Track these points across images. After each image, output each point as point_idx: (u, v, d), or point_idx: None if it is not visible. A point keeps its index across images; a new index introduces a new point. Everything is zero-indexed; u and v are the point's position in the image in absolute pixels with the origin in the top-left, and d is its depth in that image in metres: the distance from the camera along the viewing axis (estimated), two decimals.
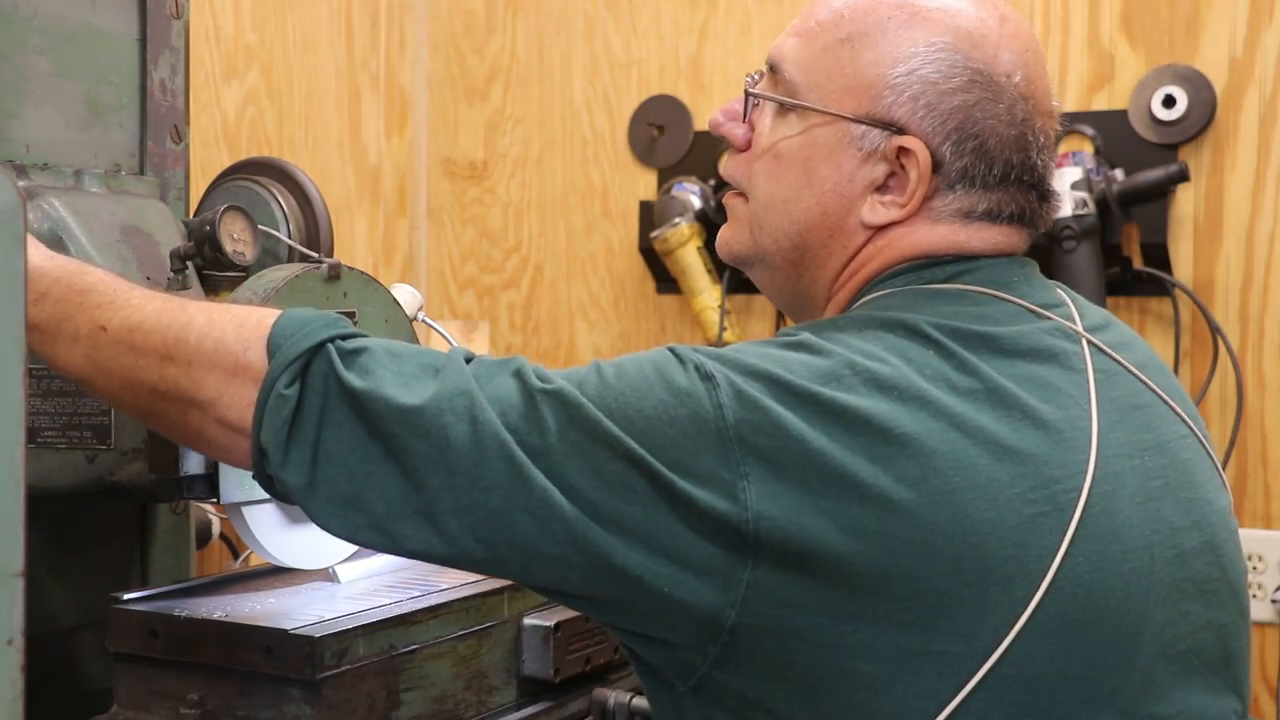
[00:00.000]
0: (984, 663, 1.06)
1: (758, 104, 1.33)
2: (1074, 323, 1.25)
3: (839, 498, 1.06)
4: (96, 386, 1.23)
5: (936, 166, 1.24)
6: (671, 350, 1.15)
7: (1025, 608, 1.07)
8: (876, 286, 1.28)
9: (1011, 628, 1.06)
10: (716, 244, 1.41)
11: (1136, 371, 1.25)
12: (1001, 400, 1.13)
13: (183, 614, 1.28)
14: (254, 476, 1.16)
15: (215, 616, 1.27)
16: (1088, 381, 1.19)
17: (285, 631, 1.22)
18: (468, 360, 1.15)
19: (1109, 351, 1.24)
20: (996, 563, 1.07)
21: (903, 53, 1.25)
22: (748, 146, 1.34)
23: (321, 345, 1.14)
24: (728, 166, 1.37)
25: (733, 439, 1.08)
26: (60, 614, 1.51)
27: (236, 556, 2.09)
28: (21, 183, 1.43)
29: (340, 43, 2.88)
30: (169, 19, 1.63)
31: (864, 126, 1.25)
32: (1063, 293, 1.31)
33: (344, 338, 1.15)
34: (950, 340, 1.16)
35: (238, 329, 1.18)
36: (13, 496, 0.91)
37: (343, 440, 1.11)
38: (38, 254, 1.24)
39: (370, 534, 1.12)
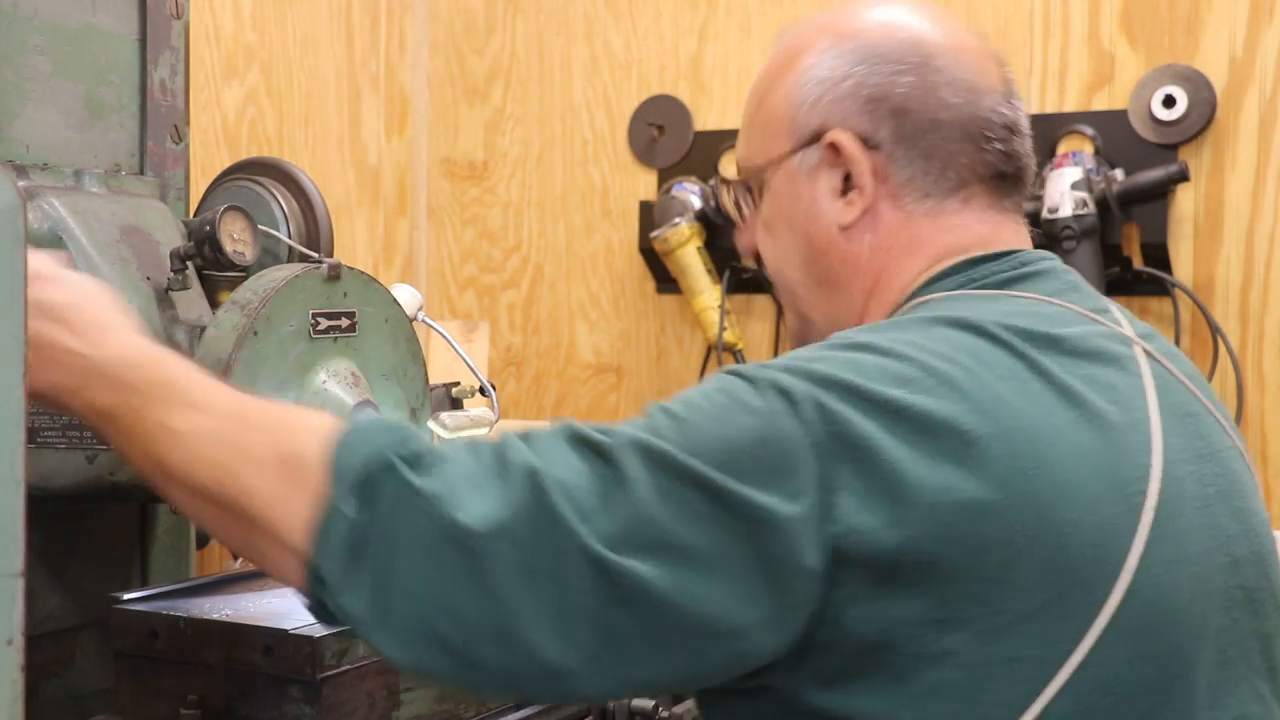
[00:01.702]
0: (1065, 667, 1.06)
1: (748, 210, 1.42)
2: (1122, 328, 1.26)
3: (927, 505, 1.05)
4: (161, 485, 1.14)
5: (867, 143, 1.29)
6: (734, 373, 1.12)
7: (1104, 610, 1.07)
8: (922, 291, 1.28)
9: (1091, 631, 1.06)
10: (789, 333, 1.48)
11: (1185, 380, 1.26)
12: (1073, 401, 1.13)
13: (183, 614, 1.28)
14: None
15: (215, 616, 1.27)
16: (1145, 385, 1.20)
17: (285, 631, 1.22)
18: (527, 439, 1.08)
19: (1159, 358, 1.24)
20: (1079, 564, 1.07)
21: (796, 76, 1.33)
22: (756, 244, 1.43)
23: (388, 463, 1.04)
24: (762, 267, 1.46)
25: (822, 454, 1.05)
26: (60, 614, 1.51)
27: (236, 556, 2.09)
28: (21, 183, 1.43)
29: (340, 43, 2.88)
30: (169, 19, 1.63)
31: (799, 153, 1.32)
32: (1105, 299, 1.33)
33: (411, 453, 1.06)
34: (1019, 340, 1.15)
35: (295, 437, 1.08)
36: (13, 496, 0.91)
37: (415, 566, 1.02)
38: (126, 341, 1.16)
39: (447, 662, 1.03)
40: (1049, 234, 2.40)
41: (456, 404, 1.60)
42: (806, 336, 1.41)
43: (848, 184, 1.31)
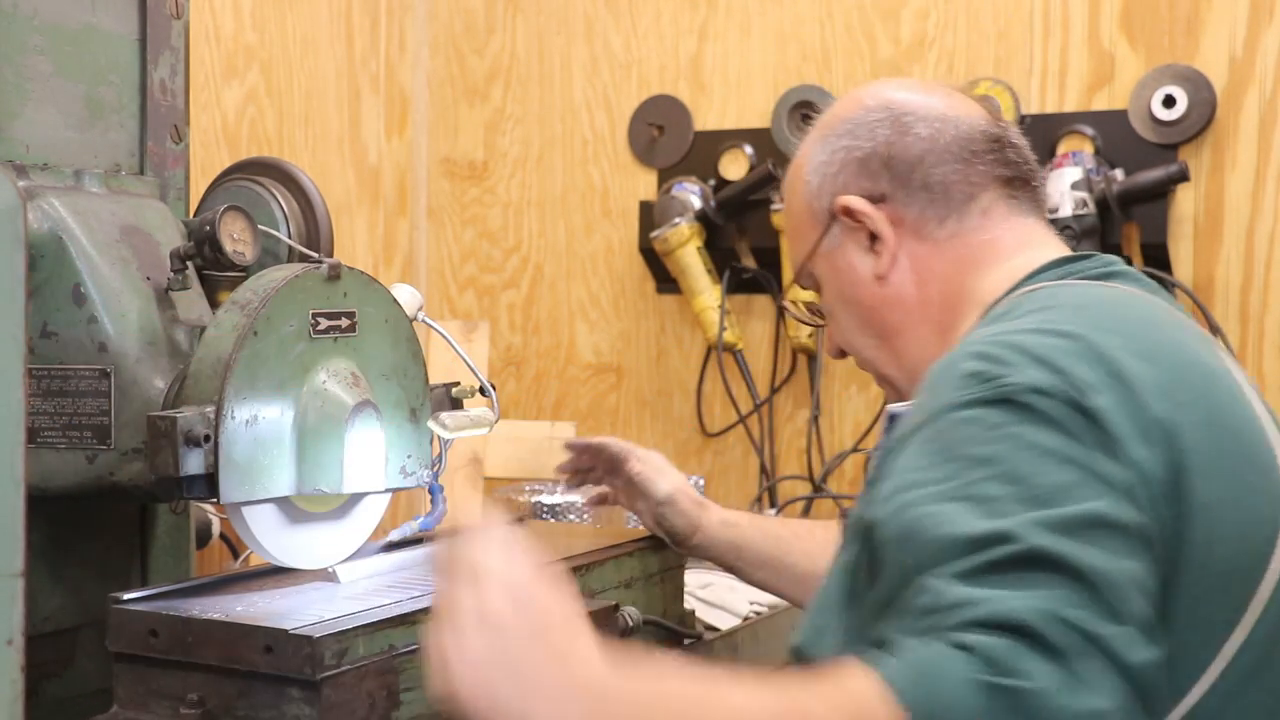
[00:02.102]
0: (1225, 649, 1.11)
1: (821, 314, 1.58)
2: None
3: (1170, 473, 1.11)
4: None
5: (873, 199, 1.44)
6: (993, 404, 1.14)
7: (1259, 596, 1.13)
8: (1020, 288, 1.39)
9: (1245, 616, 1.12)
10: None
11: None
12: (1216, 380, 1.21)
13: (183, 614, 1.28)
14: None
15: (215, 616, 1.27)
16: (1239, 371, 1.30)
17: (285, 631, 1.22)
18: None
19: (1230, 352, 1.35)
20: (1238, 550, 1.13)
21: (801, 176, 1.50)
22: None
23: (979, 682, 0.95)
24: (832, 340, 1.58)
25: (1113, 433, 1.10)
26: (60, 614, 1.51)
27: (236, 556, 2.09)
28: (21, 183, 1.43)
29: (340, 43, 2.88)
30: (169, 19, 1.63)
31: (826, 236, 1.48)
32: None
33: (985, 659, 0.96)
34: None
35: (849, 705, 0.97)
36: (13, 496, 0.91)
37: None
38: (598, 669, 0.98)
39: None
40: None
41: (456, 404, 1.60)
42: (892, 398, 1.53)
43: (873, 241, 1.45)
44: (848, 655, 1.04)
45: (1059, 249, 1.46)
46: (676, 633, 1.64)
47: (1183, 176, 2.44)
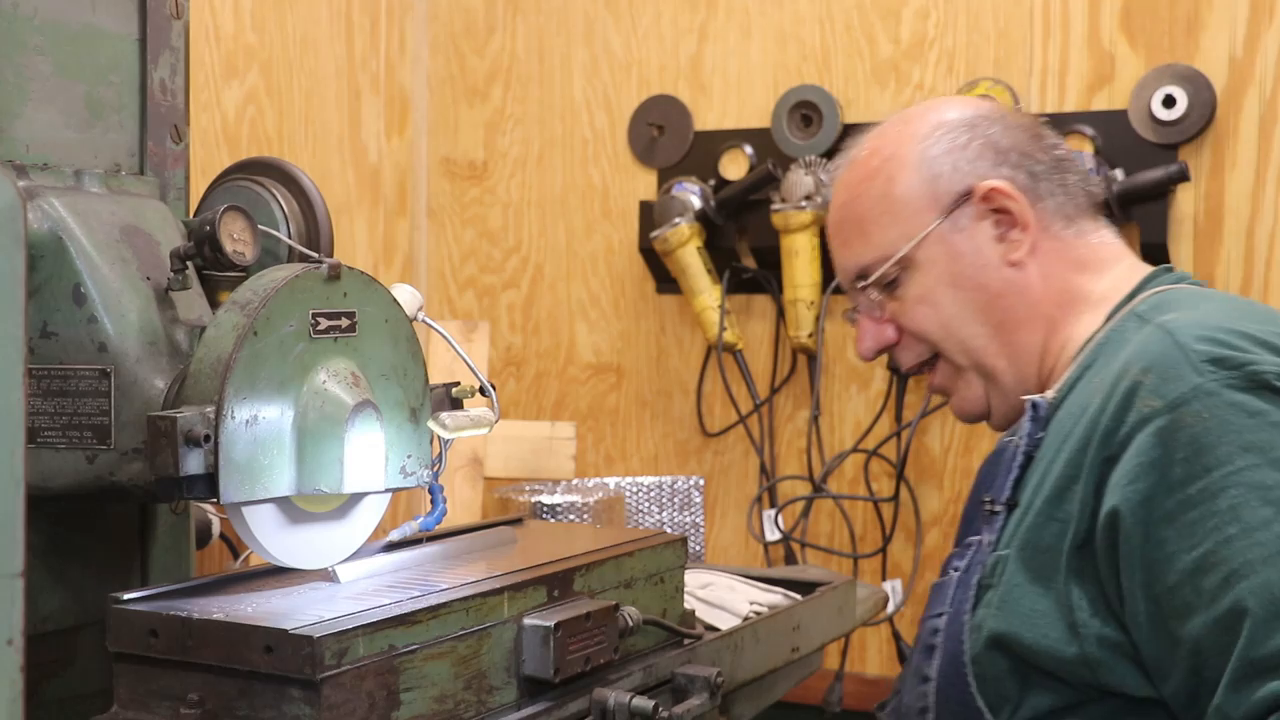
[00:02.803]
0: None
1: (879, 301, 1.59)
2: None
3: None
4: None
5: (1011, 182, 1.51)
6: (1250, 389, 1.26)
7: None
8: (1139, 292, 1.50)
9: None
10: (957, 414, 1.63)
11: None
12: None
13: (183, 614, 1.28)
14: None
15: (215, 616, 1.27)
16: None
17: (285, 631, 1.22)
18: None
19: None
20: None
21: (914, 160, 1.53)
22: (899, 336, 1.60)
23: None
24: (906, 356, 1.60)
25: None
26: (60, 614, 1.51)
27: (236, 556, 2.09)
28: (21, 183, 1.43)
29: (340, 43, 2.88)
30: (169, 19, 1.63)
31: (949, 218, 1.52)
32: None
33: None
34: None
35: None
36: (13, 496, 0.91)
37: None
38: None
39: None
40: None
41: (456, 404, 1.60)
42: (990, 404, 1.57)
43: (1001, 228, 1.51)
44: None
45: (1114, 239, 1.60)
46: (676, 633, 1.64)
47: (1183, 176, 2.44)
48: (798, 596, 2.01)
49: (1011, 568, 1.41)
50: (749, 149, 2.83)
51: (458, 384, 1.61)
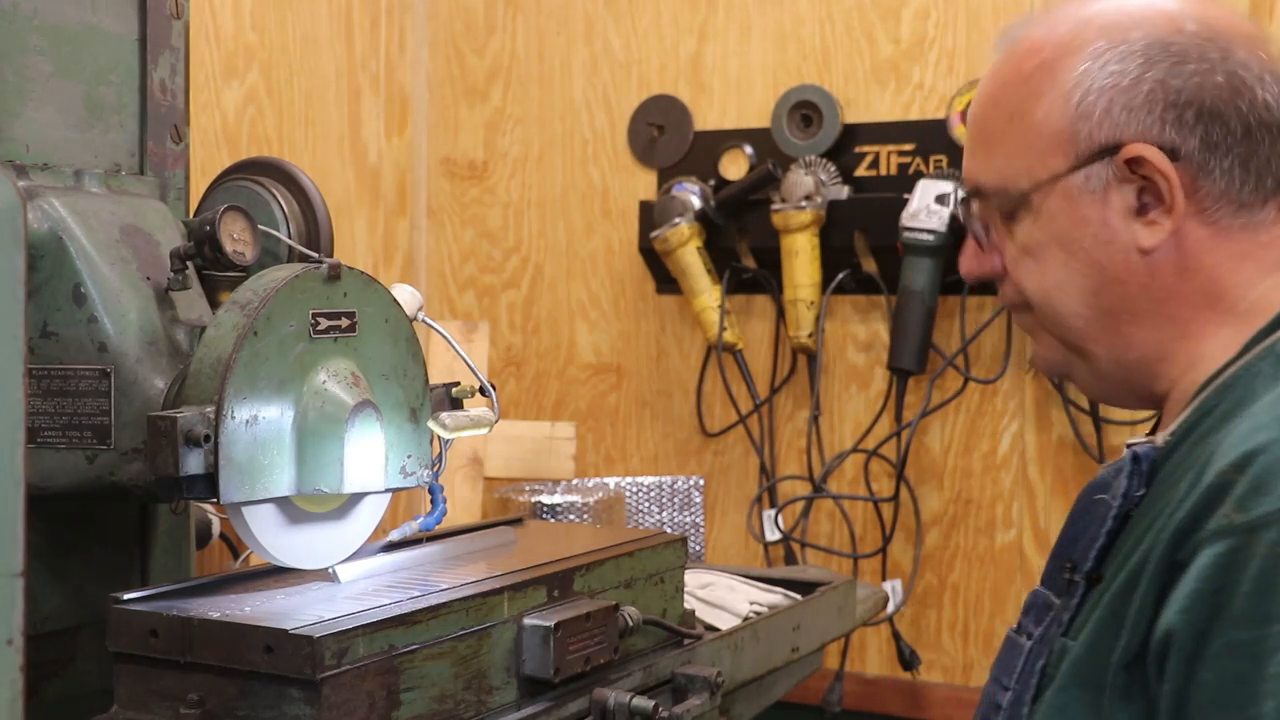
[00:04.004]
0: None
1: (988, 230, 1.31)
2: None
3: None
4: None
5: (1174, 155, 1.19)
6: None
7: None
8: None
9: None
10: (1034, 361, 1.39)
11: None
12: None
13: (183, 614, 1.28)
14: None
15: (215, 616, 1.27)
16: None
17: (285, 631, 1.22)
18: None
19: None
20: None
21: (1069, 82, 1.21)
22: (1005, 270, 1.31)
23: None
24: (1005, 294, 1.34)
25: None
26: (60, 614, 1.51)
27: (236, 556, 2.09)
28: (21, 183, 1.43)
29: (340, 43, 2.88)
30: (169, 19, 1.63)
31: (1082, 171, 1.22)
32: None
33: None
34: None
35: None
36: (13, 496, 0.91)
37: None
38: None
39: None
40: None
41: (456, 404, 1.60)
42: (1073, 371, 1.32)
43: (1144, 201, 1.21)
44: None
45: None
46: (676, 633, 1.64)
47: None
48: (798, 596, 2.01)
49: (1070, 668, 1.21)
50: (749, 149, 2.83)
51: (458, 384, 1.61)
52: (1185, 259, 1.22)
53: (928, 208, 2.57)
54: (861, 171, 2.73)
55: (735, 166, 2.84)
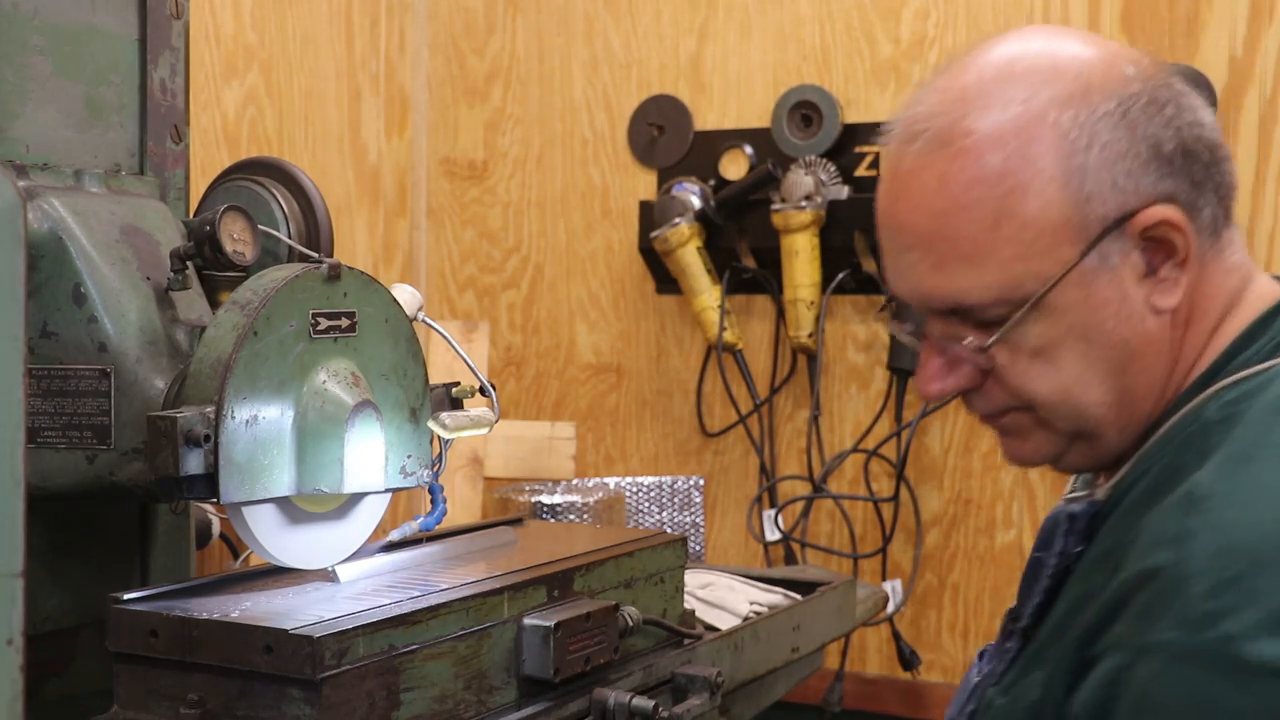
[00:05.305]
0: None
1: (974, 343, 1.19)
2: None
3: None
4: None
5: (1176, 202, 1.13)
6: (1215, 669, 0.97)
7: None
8: (1233, 363, 1.15)
9: None
10: (1009, 458, 1.25)
11: None
12: None
13: (183, 614, 1.28)
14: None
15: (215, 616, 1.27)
16: None
17: (285, 631, 1.22)
18: None
19: None
20: None
21: (1055, 166, 1.12)
22: (989, 376, 1.20)
23: None
24: (983, 403, 1.22)
25: None
26: (60, 614, 1.51)
27: (236, 556, 2.09)
28: (21, 183, 1.43)
29: (340, 43, 2.88)
30: (169, 19, 1.63)
31: (1094, 251, 1.12)
32: None
33: None
34: None
35: None
36: (13, 496, 0.91)
37: None
38: None
39: None
40: None
41: (456, 404, 1.60)
42: (1066, 457, 1.23)
43: (1152, 262, 1.14)
44: None
45: (1247, 259, 1.20)
46: (676, 633, 1.64)
47: None
48: (798, 596, 2.01)
49: None
50: (749, 149, 2.83)
51: (458, 384, 1.61)
52: (1191, 304, 1.16)
53: None
54: (861, 171, 2.73)
55: (735, 166, 2.84)
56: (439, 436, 1.54)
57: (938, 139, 1.15)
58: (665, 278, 2.90)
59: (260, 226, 1.56)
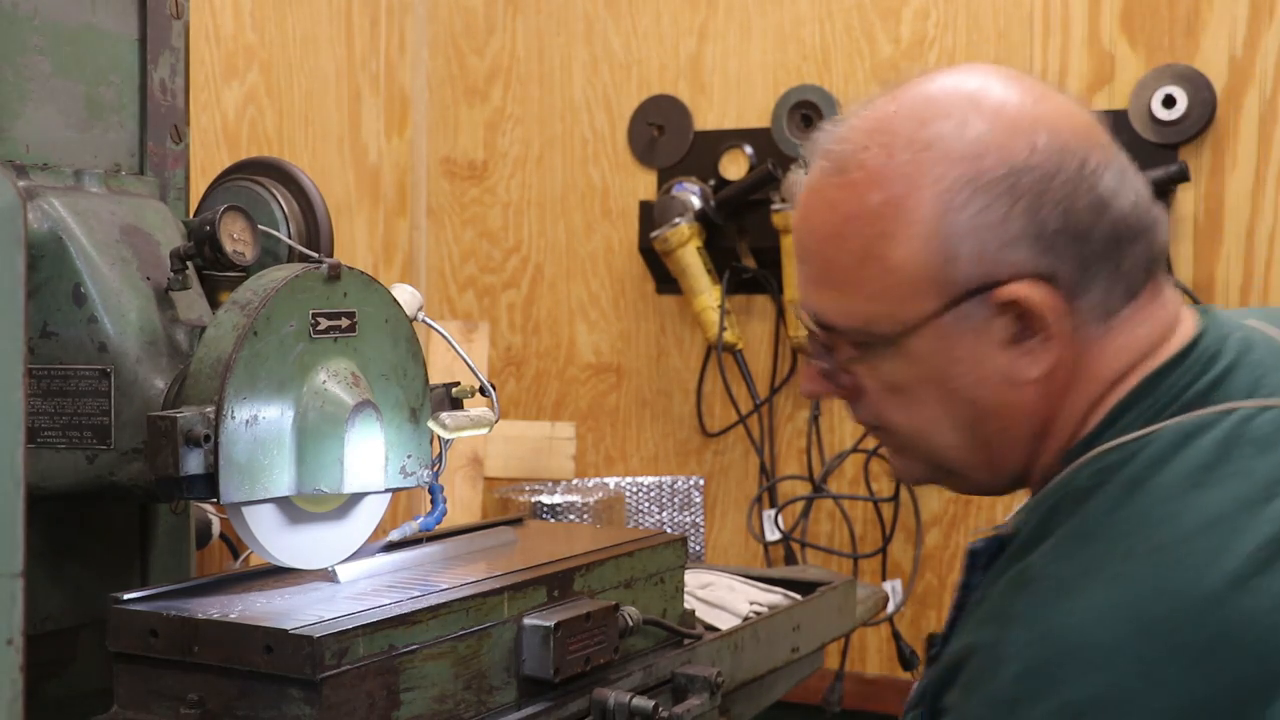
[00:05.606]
0: None
1: (831, 350, 1.22)
2: None
3: None
4: None
5: (1052, 281, 1.11)
6: None
7: None
8: (1105, 434, 1.14)
9: None
10: (897, 475, 1.30)
11: None
12: None
13: (183, 614, 1.28)
14: None
15: (215, 616, 1.27)
16: None
17: (285, 631, 1.22)
18: None
19: None
20: None
21: (925, 222, 1.12)
22: (860, 393, 1.23)
23: None
24: (858, 414, 1.25)
25: None
26: (60, 614, 1.51)
27: (236, 556, 2.09)
28: (21, 183, 1.43)
29: (340, 43, 2.88)
30: (169, 19, 1.63)
31: (954, 310, 1.12)
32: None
33: None
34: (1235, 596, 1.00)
35: None
36: (13, 496, 0.91)
37: None
38: None
39: None
40: None
41: (456, 404, 1.60)
42: (942, 483, 1.27)
43: (1022, 329, 1.13)
44: None
45: (1177, 318, 1.17)
46: (676, 633, 1.64)
47: (1183, 176, 2.44)
48: (798, 596, 2.01)
49: None
50: (749, 149, 2.83)
51: (458, 384, 1.61)
52: (1052, 380, 1.15)
53: None
54: None
55: (735, 166, 2.84)
56: (439, 436, 1.54)
57: (837, 165, 1.17)
58: (665, 278, 2.90)
59: (260, 226, 1.56)
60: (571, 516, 2.58)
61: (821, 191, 1.18)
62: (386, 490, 1.47)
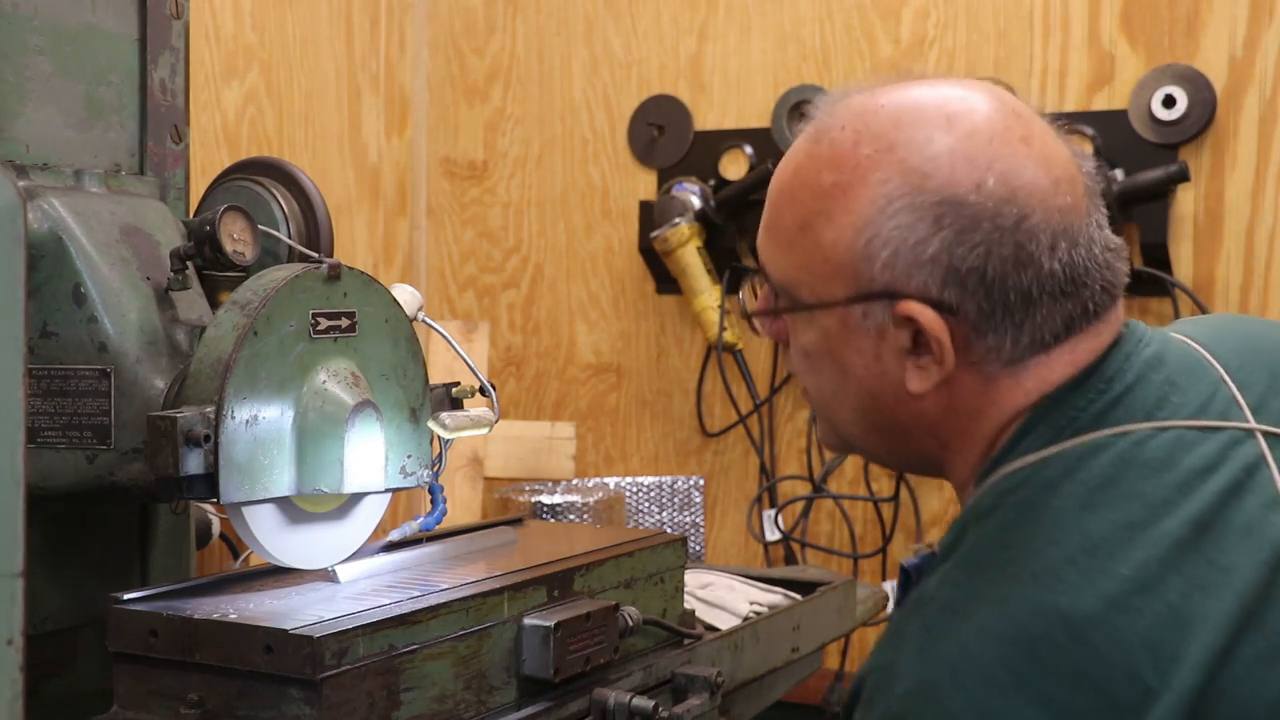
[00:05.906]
0: None
1: (778, 298, 1.28)
2: (1236, 413, 1.15)
3: None
4: None
5: (951, 311, 1.15)
6: None
7: None
8: (1009, 454, 1.17)
9: None
10: (820, 439, 1.37)
11: None
12: None
13: (183, 614, 1.28)
14: None
15: (215, 616, 1.27)
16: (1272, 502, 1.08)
17: (285, 631, 1.22)
18: None
19: None
20: None
21: (859, 216, 1.16)
22: (786, 344, 1.30)
23: None
24: (787, 363, 1.35)
25: None
26: (60, 614, 1.51)
27: (236, 556, 2.09)
28: (21, 183, 1.43)
29: (340, 43, 2.88)
30: (169, 19, 1.63)
31: (859, 306, 1.18)
32: (1210, 365, 1.20)
33: None
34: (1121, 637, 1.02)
35: None
36: (13, 496, 0.91)
37: None
38: None
39: None
40: None
41: (456, 404, 1.60)
42: (855, 452, 1.34)
43: (918, 343, 1.17)
44: None
45: (1069, 360, 1.18)
46: (676, 633, 1.64)
47: (1183, 176, 2.44)
48: (798, 596, 2.01)
49: None
50: (749, 149, 2.83)
51: (458, 384, 1.61)
52: (954, 402, 1.19)
53: None
54: None
55: (735, 166, 2.84)
56: (439, 436, 1.54)
57: (815, 133, 1.23)
58: (665, 278, 2.90)
59: (260, 226, 1.56)
60: (571, 516, 2.58)
61: (796, 151, 1.26)
62: (386, 490, 1.47)
